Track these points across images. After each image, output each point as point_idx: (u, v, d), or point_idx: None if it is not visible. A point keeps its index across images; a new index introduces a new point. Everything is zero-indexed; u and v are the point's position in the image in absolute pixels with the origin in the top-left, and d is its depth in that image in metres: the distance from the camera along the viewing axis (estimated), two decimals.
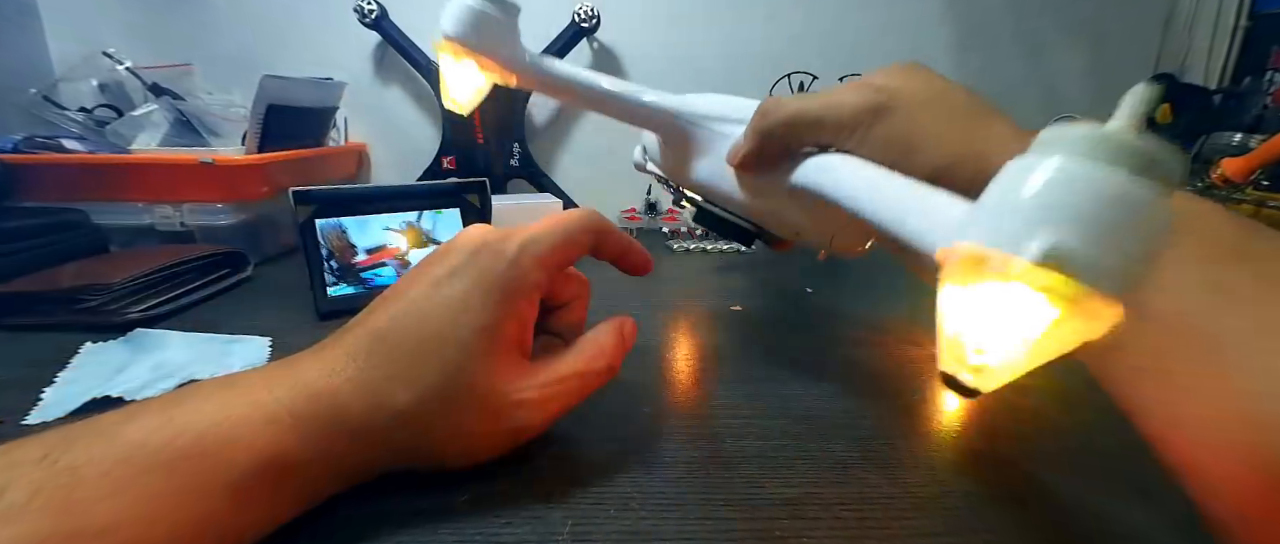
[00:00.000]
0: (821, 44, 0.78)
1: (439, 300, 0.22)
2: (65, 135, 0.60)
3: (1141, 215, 0.12)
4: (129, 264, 0.42)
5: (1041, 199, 0.13)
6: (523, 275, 0.22)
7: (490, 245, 0.23)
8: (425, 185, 0.50)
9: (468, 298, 0.22)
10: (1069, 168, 0.12)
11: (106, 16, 0.73)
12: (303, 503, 0.21)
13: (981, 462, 0.26)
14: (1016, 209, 0.13)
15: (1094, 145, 0.12)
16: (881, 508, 0.23)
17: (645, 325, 0.42)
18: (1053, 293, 0.12)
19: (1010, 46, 0.79)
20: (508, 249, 0.22)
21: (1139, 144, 0.12)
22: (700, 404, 0.31)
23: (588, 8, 0.70)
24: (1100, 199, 0.12)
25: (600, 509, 0.22)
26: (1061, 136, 0.13)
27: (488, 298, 0.22)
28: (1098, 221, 0.12)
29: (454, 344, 0.21)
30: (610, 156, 0.82)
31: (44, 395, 0.30)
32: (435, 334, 0.21)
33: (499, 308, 0.22)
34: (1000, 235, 0.13)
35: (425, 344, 0.21)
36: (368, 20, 0.70)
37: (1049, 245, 0.12)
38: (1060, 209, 0.12)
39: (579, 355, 0.24)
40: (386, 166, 0.82)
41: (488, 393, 0.22)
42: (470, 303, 0.22)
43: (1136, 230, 0.12)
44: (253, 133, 0.55)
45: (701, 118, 0.29)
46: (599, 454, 0.26)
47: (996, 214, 0.14)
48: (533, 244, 0.23)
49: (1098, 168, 0.12)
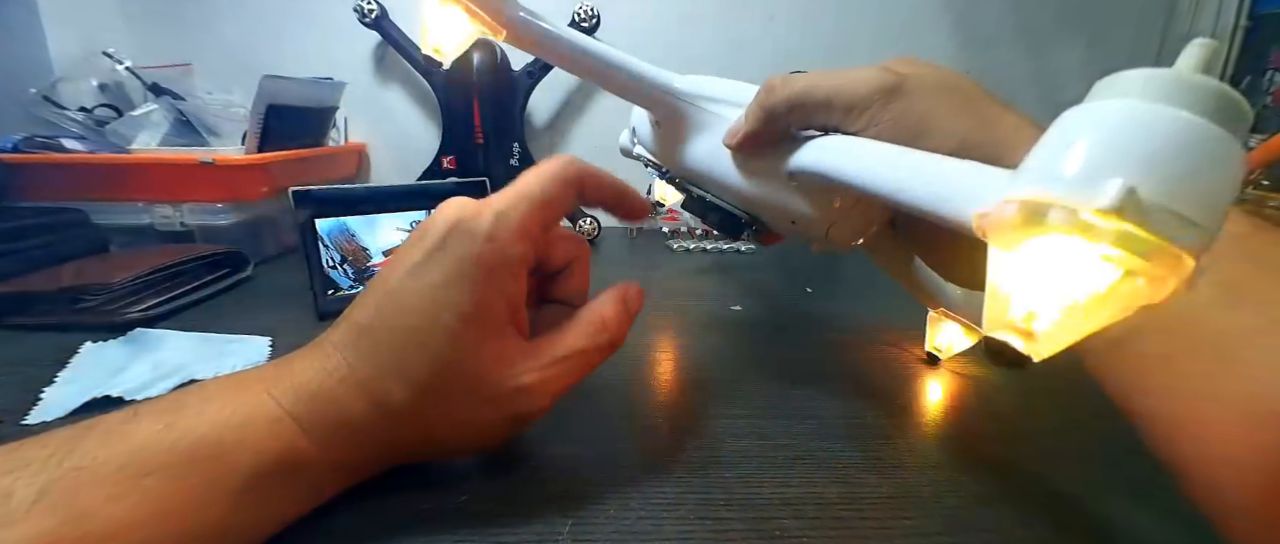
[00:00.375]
0: (821, 44, 0.78)
1: (418, 289, 0.20)
2: (65, 135, 0.60)
3: (1220, 162, 0.11)
4: (129, 264, 0.42)
5: (1112, 143, 0.11)
6: (501, 251, 0.21)
7: (464, 223, 0.21)
8: (425, 185, 0.50)
9: (447, 284, 0.20)
10: (1141, 110, 0.11)
11: (106, 16, 0.73)
12: (307, 503, 0.21)
13: (981, 462, 0.26)
14: (1083, 155, 0.11)
15: (1167, 87, 0.11)
16: (881, 508, 0.23)
17: (645, 326, 0.42)
18: (1126, 244, 0.11)
19: (1010, 46, 0.79)
20: (481, 226, 0.21)
21: (1215, 85, 0.11)
22: (700, 404, 0.31)
23: (588, 8, 0.70)
24: (1179, 143, 0.11)
25: (600, 509, 0.22)
26: (1125, 80, 0.12)
27: (468, 282, 0.20)
28: (1177, 167, 0.11)
29: (441, 334, 0.20)
30: (609, 157, 0.82)
31: (44, 395, 0.30)
32: (419, 325, 0.20)
33: (482, 291, 0.20)
34: (1063, 183, 0.12)
35: (411, 336, 0.20)
36: (368, 20, 0.70)
37: (1124, 190, 0.10)
38: (1134, 154, 0.11)
39: (579, 331, 0.23)
40: (386, 166, 0.82)
41: (483, 381, 0.21)
42: (450, 289, 0.20)
43: (1215, 178, 0.11)
44: (253, 133, 0.55)
45: (699, 97, 0.28)
46: (599, 455, 0.26)
47: (1054, 163, 0.12)
48: (507, 214, 0.21)
49: (1174, 110, 0.11)
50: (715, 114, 0.28)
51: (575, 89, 0.80)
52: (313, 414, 0.20)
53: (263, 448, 0.19)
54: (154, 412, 0.19)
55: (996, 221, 0.13)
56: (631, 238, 0.73)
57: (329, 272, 0.43)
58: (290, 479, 0.20)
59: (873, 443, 0.27)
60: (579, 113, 0.81)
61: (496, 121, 0.71)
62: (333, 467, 0.21)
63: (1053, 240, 0.12)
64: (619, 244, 0.70)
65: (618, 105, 0.35)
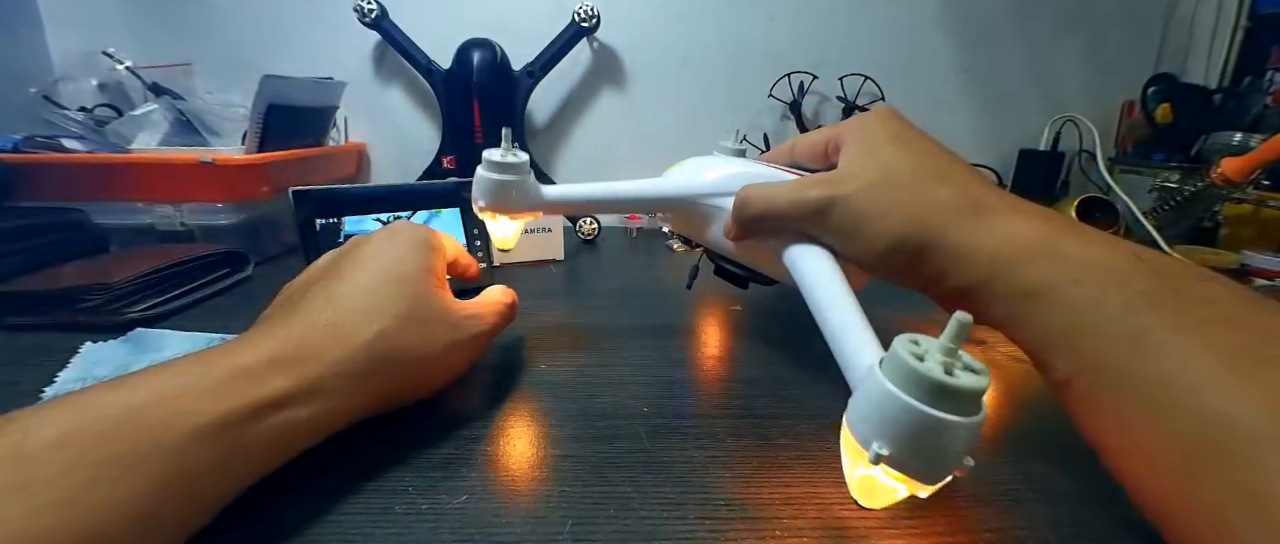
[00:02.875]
0: (821, 44, 0.78)
1: (386, 255, 0.27)
2: (65, 135, 0.60)
3: (934, 433, 0.17)
4: (129, 264, 0.42)
5: (877, 415, 0.18)
6: (436, 235, 0.30)
7: (403, 225, 0.30)
8: (425, 185, 0.50)
9: (408, 250, 0.28)
10: (893, 398, 0.17)
11: (106, 16, 0.73)
12: (287, 448, 0.22)
13: (982, 462, 0.26)
14: (864, 417, 0.19)
15: (911, 381, 0.17)
16: (882, 508, 0.23)
17: (645, 325, 0.42)
18: (888, 475, 0.18)
19: (1010, 46, 0.79)
20: (418, 227, 0.30)
21: (935, 380, 0.17)
22: (700, 404, 0.31)
23: (588, 7, 0.70)
24: (908, 424, 0.17)
25: (600, 509, 0.22)
26: (896, 362, 0.18)
27: (420, 248, 0.28)
28: (905, 438, 0.17)
29: (410, 279, 0.27)
30: (610, 156, 0.82)
31: (44, 395, 0.30)
32: (390, 275, 0.26)
33: (430, 256, 0.29)
34: (858, 433, 0.19)
35: (385, 284, 0.26)
36: (368, 20, 0.70)
37: (874, 452, 0.18)
38: (885, 430, 0.18)
39: (492, 294, 0.32)
40: (386, 166, 0.82)
41: (446, 309, 0.28)
42: (410, 254, 0.28)
43: (931, 443, 0.17)
44: (253, 133, 0.55)
45: (698, 197, 0.33)
46: (599, 454, 0.26)
47: (857, 414, 0.19)
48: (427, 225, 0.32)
49: (910, 402, 0.17)
50: (715, 206, 0.33)
51: (575, 89, 0.80)
52: (296, 357, 0.22)
53: (241, 392, 0.20)
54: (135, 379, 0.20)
55: (844, 437, 0.20)
56: (632, 238, 0.73)
57: None
58: (267, 418, 0.21)
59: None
60: (579, 113, 0.81)
61: (496, 122, 0.71)
62: (314, 402, 0.22)
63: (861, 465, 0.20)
64: (619, 244, 0.70)
65: (617, 106, 0.35)
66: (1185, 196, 0.63)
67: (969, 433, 0.17)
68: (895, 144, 0.27)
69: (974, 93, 0.80)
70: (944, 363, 0.17)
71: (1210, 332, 0.18)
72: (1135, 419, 0.19)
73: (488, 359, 0.36)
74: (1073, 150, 0.79)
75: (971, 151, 0.81)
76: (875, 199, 0.25)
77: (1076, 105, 0.79)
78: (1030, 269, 0.22)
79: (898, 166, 0.26)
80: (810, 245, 0.28)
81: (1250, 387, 0.17)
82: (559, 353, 0.37)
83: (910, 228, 0.24)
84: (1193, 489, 0.17)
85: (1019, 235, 0.23)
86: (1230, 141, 0.66)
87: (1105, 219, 0.66)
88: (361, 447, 0.26)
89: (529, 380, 0.33)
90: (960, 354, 0.18)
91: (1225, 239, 0.64)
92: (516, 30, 0.73)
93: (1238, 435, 0.16)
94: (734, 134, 0.37)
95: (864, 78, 0.78)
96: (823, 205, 0.26)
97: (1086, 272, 0.21)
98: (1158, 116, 0.71)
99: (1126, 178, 0.72)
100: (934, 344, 0.18)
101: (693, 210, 0.34)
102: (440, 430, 0.28)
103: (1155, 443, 0.18)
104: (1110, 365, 0.20)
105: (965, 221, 0.24)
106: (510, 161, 0.33)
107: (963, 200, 0.24)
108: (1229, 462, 0.16)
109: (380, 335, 0.24)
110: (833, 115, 0.80)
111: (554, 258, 0.60)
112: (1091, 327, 0.20)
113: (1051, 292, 0.22)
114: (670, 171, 0.36)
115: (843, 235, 0.26)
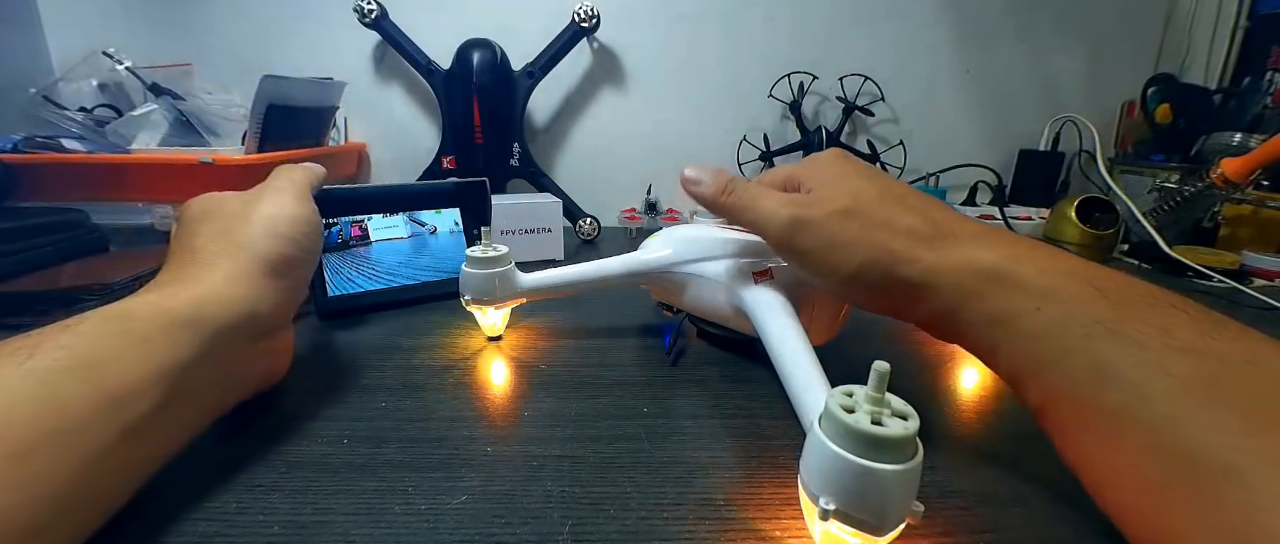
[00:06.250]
0: (821, 44, 0.78)
1: (275, 201, 0.33)
2: (65, 135, 0.60)
3: (882, 486, 0.17)
4: (129, 264, 0.42)
5: (819, 469, 0.18)
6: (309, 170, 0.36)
7: (284, 167, 0.36)
8: (425, 185, 0.50)
9: (287, 192, 0.34)
10: (830, 453, 0.18)
11: (106, 16, 0.73)
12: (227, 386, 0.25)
13: (981, 462, 0.26)
14: (810, 472, 0.19)
15: (844, 435, 0.18)
16: None
17: (644, 325, 0.42)
18: (843, 529, 0.18)
19: (1010, 46, 0.79)
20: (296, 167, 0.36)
21: (872, 434, 0.17)
22: (700, 404, 0.31)
23: (588, 8, 0.70)
24: (852, 478, 0.18)
25: (599, 509, 0.22)
26: (829, 417, 0.18)
27: (298, 192, 0.34)
28: (854, 493, 0.18)
29: (304, 220, 0.32)
30: (609, 156, 0.82)
31: None
32: (294, 216, 0.32)
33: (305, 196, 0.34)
34: (807, 487, 0.19)
35: (292, 226, 0.32)
36: (368, 20, 0.70)
37: (825, 507, 0.18)
38: (831, 485, 0.18)
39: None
40: (386, 166, 0.82)
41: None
42: (289, 196, 0.33)
43: (881, 498, 0.17)
44: (253, 133, 0.55)
45: (671, 267, 0.36)
46: (599, 454, 0.26)
47: (804, 469, 0.19)
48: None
49: (846, 456, 0.18)
50: (691, 273, 0.36)
51: (575, 90, 0.80)
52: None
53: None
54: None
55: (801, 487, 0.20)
56: (631, 237, 0.73)
57: (329, 270, 0.43)
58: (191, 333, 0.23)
59: None
60: (579, 113, 0.81)
61: (496, 121, 0.71)
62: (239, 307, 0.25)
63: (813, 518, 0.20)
64: (619, 244, 0.70)
65: (617, 106, 0.35)
66: (1185, 197, 0.63)
67: (908, 477, 0.18)
68: (860, 176, 0.28)
69: (974, 93, 0.80)
70: (872, 413, 0.18)
71: (1168, 361, 0.18)
72: (1097, 451, 0.20)
73: (488, 359, 0.36)
74: (1072, 150, 0.79)
75: (971, 152, 0.81)
76: (844, 224, 0.26)
77: (1076, 105, 0.79)
78: (993, 297, 0.23)
79: (864, 193, 0.26)
80: (767, 290, 0.32)
81: (1206, 418, 0.17)
82: (559, 353, 0.37)
83: (874, 254, 0.25)
84: (1159, 518, 0.18)
85: (980, 262, 0.23)
86: (1230, 142, 0.66)
87: (1105, 219, 0.66)
88: (360, 447, 0.26)
89: (529, 380, 0.33)
90: (889, 399, 0.18)
91: (1225, 239, 0.64)
92: (516, 31, 0.73)
93: (1197, 469, 0.17)
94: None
95: (864, 78, 0.78)
96: (797, 224, 0.27)
97: (1045, 300, 0.22)
98: (1157, 117, 0.71)
99: (1126, 178, 0.72)
100: (863, 393, 0.18)
101: (667, 278, 0.37)
102: (440, 430, 0.28)
103: (1121, 474, 0.19)
104: (1072, 397, 0.20)
105: (927, 248, 0.24)
106: (491, 256, 0.36)
107: (926, 227, 0.25)
108: (1190, 496, 0.17)
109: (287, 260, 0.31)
110: (833, 115, 0.80)
111: (554, 258, 0.60)
112: (1051, 358, 0.21)
113: (1013, 320, 0.22)
114: (646, 243, 0.39)
115: (811, 257, 0.27)
